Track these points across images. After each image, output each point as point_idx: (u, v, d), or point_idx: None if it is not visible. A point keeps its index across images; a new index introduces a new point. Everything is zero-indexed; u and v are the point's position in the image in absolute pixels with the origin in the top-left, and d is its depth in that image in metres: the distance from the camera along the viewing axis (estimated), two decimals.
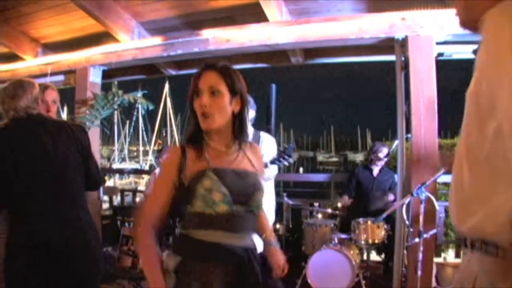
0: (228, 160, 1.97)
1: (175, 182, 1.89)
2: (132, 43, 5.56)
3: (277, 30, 4.73)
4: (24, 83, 2.81)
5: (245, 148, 2.06)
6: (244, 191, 1.91)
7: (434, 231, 3.82)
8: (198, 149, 1.93)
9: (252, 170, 2.03)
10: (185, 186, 1.87)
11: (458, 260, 5.60)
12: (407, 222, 3.95)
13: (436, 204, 3.89)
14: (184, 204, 1.89)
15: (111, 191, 7.32)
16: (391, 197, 5.43)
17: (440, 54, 4.33)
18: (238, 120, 2.02)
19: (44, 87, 3.26)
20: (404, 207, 3.95)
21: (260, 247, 3.78)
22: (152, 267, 1.83)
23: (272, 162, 3.49)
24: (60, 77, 6.38)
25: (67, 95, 6.32)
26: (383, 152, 5.57)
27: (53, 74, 6.19)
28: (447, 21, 4.07)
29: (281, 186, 6.62)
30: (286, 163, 3.51)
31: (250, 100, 3.94)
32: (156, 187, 1.98)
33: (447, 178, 5.83)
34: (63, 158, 2.74)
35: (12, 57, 6.54)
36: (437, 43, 4.23)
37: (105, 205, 7.94)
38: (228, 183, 1.86)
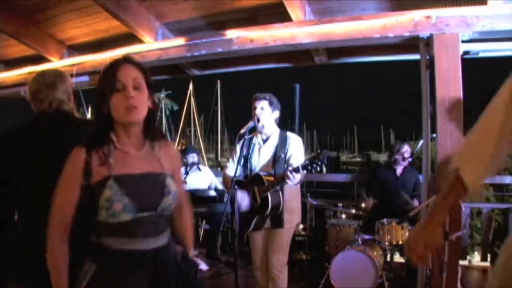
0: (135, 163, 1.89)
1: (81, 186, 1.80)
2: (156, 44, 5.59)
3: (300, 30, 4.72)
4: (63, 73, 2.70)
5: (156, 149, 1.98)
6: (149, 198, 1.85)
7: (459, 233, 3.76)
8: (102, 152, 1.84)
9: (161, 172, 1.94)
10: (89, 193, 1.78)
11: (484, 263, 5.51)
12: None
13: (462, 205, 3.83)
14: (90, 211, 1.80)
15: None
16: (415, 202, 5.35)
17: (466, 53, 4.26)
18: (151, 119, 1.97)
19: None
20: (429, 208, 3.90)
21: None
22: (57, 270, 1.79)
23: (304, 167, 3.46)
24: (85, 78, 6.45)
25: (92, 96, 6.39)
26: (408, 151, 5.51)
27: (78, 75, 6.27)
28: (473, 19, 4.01)
29: (304, 186, 6.59)
30: (318, 169, 3.48)
31: (275, 100, 3.94)
32: (58, 195, 1.83)
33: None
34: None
35: (39, 59, 6.64)
36: (463, 41, 4.17)
37: None
38: (131, 190, 1.79)
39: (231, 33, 5.05)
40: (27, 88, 2.66)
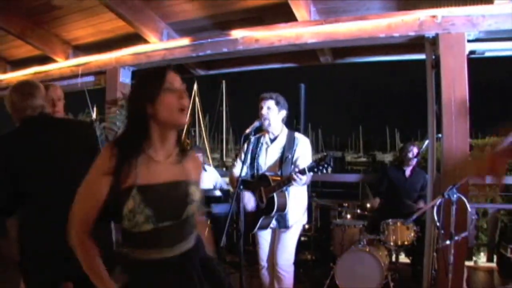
0: (161, 171, 1.87)
1: (110, 186, 1.78)
2: (161, 44, 5.61)
3: (306, 30, 4.72)
4: (34, 83, 2.85)
5: (183, 158, 1.97)
6: (172, 208, 1.86)
7: (465, 233, 3.75)
8: (131, 159, 1.81)
9: (186, 180, 1.93)
10: (115, 199, 1.78)
11: (490, 264, 5.49)
12: (437, 224, 3.88)
13: (468, 205, 3.81)
14: (117, 218, 1.81)
15: None
16: (421, 204, 5.33)
17: (472, 52, 4.25)
18: (183, 129, 2.02)
19: (46, 86, 3.31)
20: (435, 208, 3.88)
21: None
22: (95, 272, 1.80)
23: (310, 169, 3.46)
24: (91, 78, 6.48)
25: (98, 96, 6.41)
26: (414, 152, 5.50)
27: (83, 75, 6.30)
28: (479, 18, 4.00)
29: (309, 186, 6.59)
30: (324, 172, 3.47)
31: (281, 99, 3.93)
32: (82, 194, 1.85)
33: (478, 180, 5.73)
34: (69, 159, 2.74)
35: (45, 59, 6.67)
36: (469, 41, 4.16)
37: None
38: (153, 202, 1.78)
39: (236, 33, 5.06)
40: (6, 103, 2.81)
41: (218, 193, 6.10)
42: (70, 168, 2.70)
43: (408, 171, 5.55)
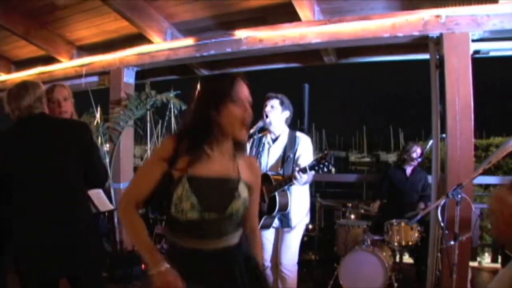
0: (214, 165, 1.96)
1: (164, 171, 1.92)
2: (165, 44, 5.62)
3: (310, 30, 4.71)
4: (28, 83, 2.89)
5: (238, 158, 2.05)
6: (218, 200, 1.91)
7: (470, 233, 3.73)
8: (190, 153, 1.92)
9: (236, 176, 2.00)
10: (169, 184, 1.90)
11: (494, 265, 5.47)
12: (442, 224, 3.87)
13: (472, 206, 3.80)
14: (166, 203, 1.91)
15: None
16: (421, 205, 5.32)
17: (476, 52, 4.23)
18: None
19: (52, 86, 3.36)
20: (439, 208, 3.87)
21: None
22: (145, 245, 1.91)
23: (311, 167, 3.46)
24: (95, 78, 6.51)
25: (101, 96, 6.42)
26: (417, 152, 5.48)
27: (87, 75, 6.32)
28: (484, 17, 3.98)
29: (313, 186, 6.58)
30: (325, 170, 3.48)
31: (286, 100, 3.94)
32: (140, 173, 2.10)
33: (483, 180, 5.71)
34: (60, 157, 2.78)
35: (49, 60, 6.69)
36: (473, 40, 4.14)
37: None
38: (201, 192, 1.87)
39: (240, 33, 5.06)
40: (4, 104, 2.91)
41: None
42: (56, 167, 2.75)
43: (409, 170, 5.54)
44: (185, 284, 1.83)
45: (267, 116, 3.85)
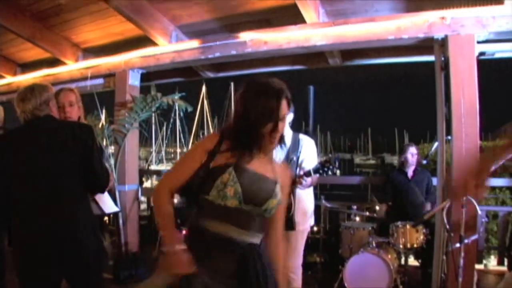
0: (256, 164, 2.07)
1: (202, 163, 2.02)
2: (170, 46, 5.63)
3: (314, 32, 4.71)
4: (35, 86, 2.91)
5: (276, 163, 2.22)
6: (258, 194, 2.02)
7: (475, 236, 3.72)
8: (233, 148, 2.02)
9: (273, 178, 2.11)
10: (208, 173, 2.00)
11: (500, 268, 5.44)
12: (447, 227, 3.86)
13: (478, 208, 3.78)
14: (203, 189, 2.00)
15: (149, 192, 7.41)
16: (428, 206, 5.30)
17: (481, 53, 4.22)
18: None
19: (59, 90, 3.38)
20: (445, 211, 3.85)
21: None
22: (167, 224, 2.03)
23: (316, 171, 3.45)
24: (100, 81, 6.52)
25: (107, 98, 6.44)
26: (412, 152, 5.47)
27: (93, 77, 6.34)
28: (489, 19, 3.97)
29: (318, 189, 6.57)
30: (329, 173, 3.46)
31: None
32: (183, 160, 2.29)
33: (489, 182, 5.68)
34: (59, 159, 2.78)
35: (54, 62, 6.72)
36: (479, 42, 4.13)
37: (143, 206, 8.06)
38: (245, 182, 1.98)
39: (245, 36, 5.06)
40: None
41: None
42: (54, 169, 2.76)
43: (410, 172, 5.52)
44: (195, 268, 1.91)
45: None
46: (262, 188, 2.04)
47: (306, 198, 3.93)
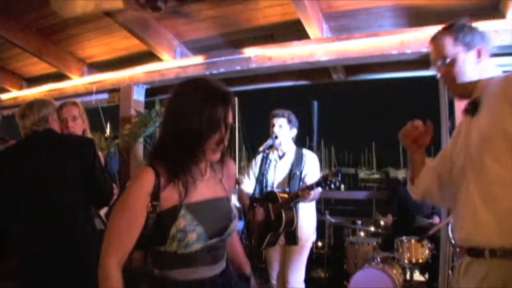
0: (201, 188, 1.77)
1: (148, 211, 1.65)
2: (175, 62, 5.67)
3: (318, 47, 4.74)
4: (34, 102, 2.96)
5: (218, 170, 1.91)
6: (218, 224, 1.77)
7: None
8: (174, 178, 1.70)
9: (225, 196, 1.88)
10: (156, 221, 1.65)
11: None
12: (453, 241, 3.83)
13: None
14: (155, 241, 1.69)
15: None
16: (436, 219, 5.28)
17: None
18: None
19: (62, 105, 3.39)
20: (450, 225, 3.84)
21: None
22: None
23: (318, 184, 3.46)
24: (105, 95, 6.55)
25: (111, 113, 6.47)
26: None
27: (98, 92, 6.36)
28: (492, 33, 3.98)
29: (322, 203, 6.55)
30: (332, 187, 3.47)
31: (293, 117, 3.95)
32: (127, 221, 1.64)
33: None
34: (58, 174, 2.77)
35: (60, 77, 6.76)
36: None
37: None
38: (204, 219, 1.70)
39: (249, 51, 5.09)
40: None
41: None
42: (53, 184, 2.76)
43: None
44: None
45: (276, 137, 3.85)
46: (220, 215, 1.80)
47: (308, 213, 3.94)
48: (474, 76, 1.98)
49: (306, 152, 3.99)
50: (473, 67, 1.98)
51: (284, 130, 3.89)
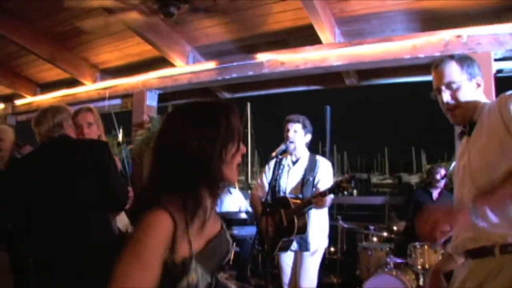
0: (209, 225, 1.52)
1: (164, 263, 1.34)
2: (187, 67, 5.69)
3: (331, 52, 4.74)
4: (49, 109, 2.97)
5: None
6: (221, 260, 1.62)
7: None
8: (193, 218, 1.41)
9: (223, 227, 1.66)
10: (165, 275, 1.34)
11: None
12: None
13: None
14: None
15: None
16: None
17: (499, 71, 4.20)
18: None
19: (77, 111, 3.40)
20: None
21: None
22: None
23: (331, 190, 3.45)
24: (118, 101, 6.60)
25: (124, 118, 6.51)
26: (441, 173, 5.42)
27: (111, 98, 6.41)
28: (506, 36, 3.96)
29: (335, 209, 6.52)
30: (345, 193, 3.46)
31: (308, 123, 3.94)
32: (130, 271, 1.28)
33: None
34: (73, 180, 2.77)
35: (73, 82, 6.83)
36: (495, 60, 4.11)
37: None
38: (212, 266, 1.52)
39: (262, 57, 5.11)
40: None
41: (243, 215, 6.10)
42: (69, 190, 2.76)
43: (435, 194, 5.46)
44: None
45: (291, 142, 3.84)
46: (222, 251, 1.62)
47: (321, 219, 3.92)
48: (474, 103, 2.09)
49: (319, 158, 3.97)
50: (474, 95, 2.10)
51: (298, 135, 3.88)
